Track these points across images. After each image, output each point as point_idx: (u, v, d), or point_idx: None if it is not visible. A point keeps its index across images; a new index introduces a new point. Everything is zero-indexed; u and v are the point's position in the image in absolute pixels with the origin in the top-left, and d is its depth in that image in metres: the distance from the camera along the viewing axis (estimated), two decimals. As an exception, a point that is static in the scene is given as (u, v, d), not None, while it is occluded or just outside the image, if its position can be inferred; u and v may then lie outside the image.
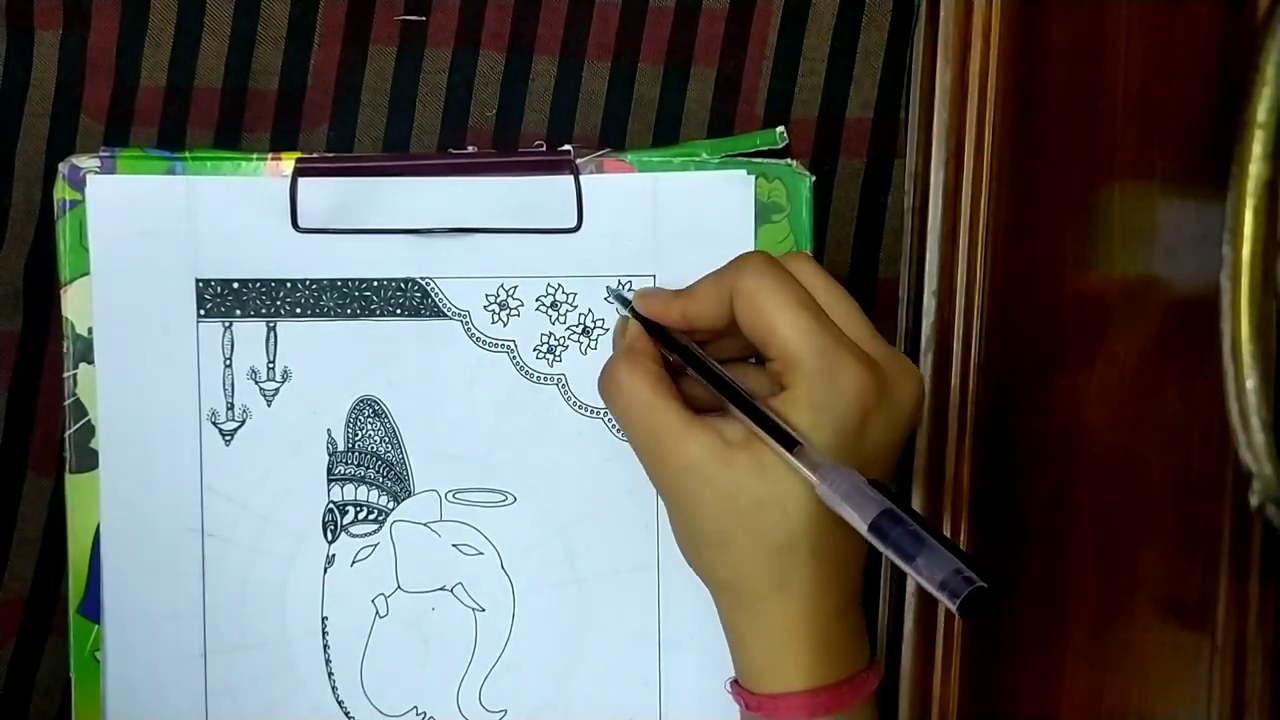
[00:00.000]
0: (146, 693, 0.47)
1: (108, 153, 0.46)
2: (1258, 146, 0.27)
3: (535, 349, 0.48)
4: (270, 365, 0.47)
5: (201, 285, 0.47)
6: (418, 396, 0.48)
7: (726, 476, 0.40)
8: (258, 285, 0.47)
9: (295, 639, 0.48)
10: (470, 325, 0.47)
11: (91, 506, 0.47)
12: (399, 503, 0.48)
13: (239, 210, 0.47)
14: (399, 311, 0.47)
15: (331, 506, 0.48)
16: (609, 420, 0.48)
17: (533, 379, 0.48)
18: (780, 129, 0.47)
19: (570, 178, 0.47)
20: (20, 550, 0.51)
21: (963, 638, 0.48)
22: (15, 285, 0.51)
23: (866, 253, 0.52)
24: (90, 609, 0.47)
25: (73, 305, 0.47)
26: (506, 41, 0.51)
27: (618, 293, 0.47)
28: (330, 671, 0.48)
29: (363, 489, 0.48)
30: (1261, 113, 0.27)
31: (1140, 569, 0.35)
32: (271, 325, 0.47)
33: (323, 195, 0.47)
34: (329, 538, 0.48)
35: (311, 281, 0.47)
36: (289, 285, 0.47)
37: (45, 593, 0.51)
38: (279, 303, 0.47)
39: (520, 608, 0.48)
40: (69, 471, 0.47)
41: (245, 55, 0.51)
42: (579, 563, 0.48)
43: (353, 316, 0.47)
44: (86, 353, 0.47)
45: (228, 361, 0.47)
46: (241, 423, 0.47)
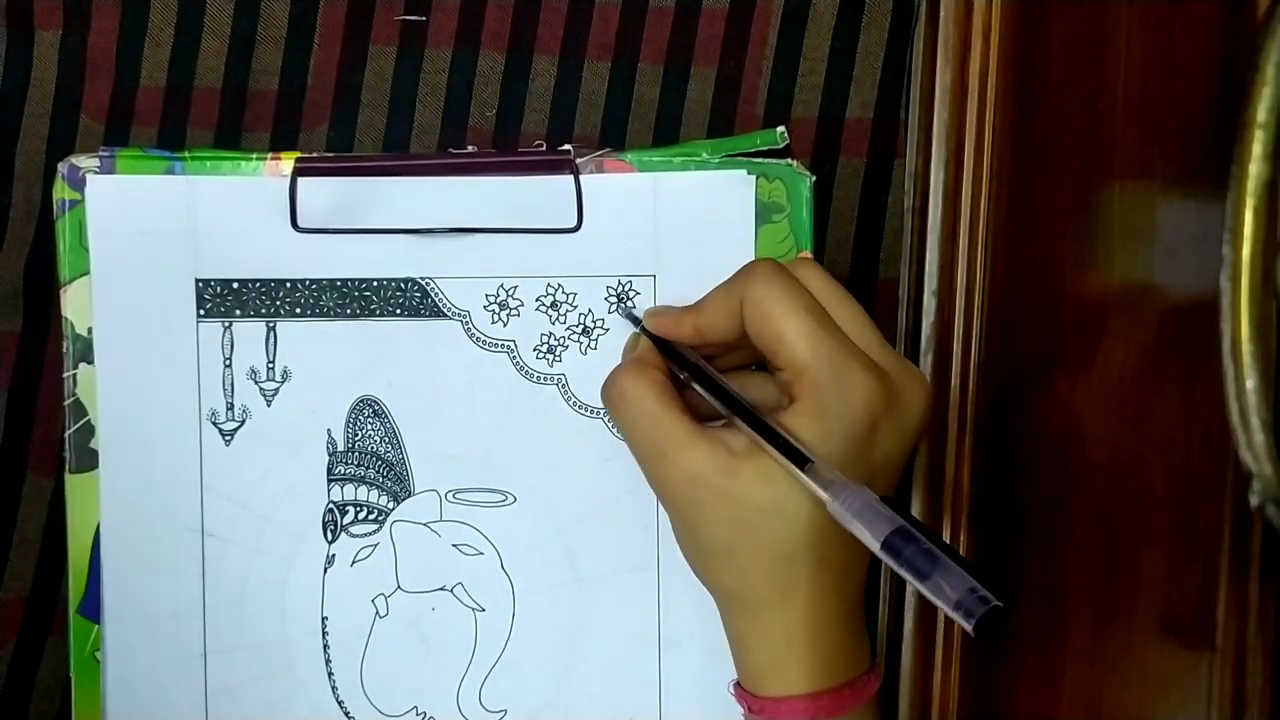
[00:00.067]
0: (146, 693, 0.47)
1: (107, 153, 0.46)
2: (1258, 146, 0.27)
3: (535, 349, 0.48)
4: (270, 365, 0.47)
5: (201, 285, 0.47)
6: (418, 396, 0.48)
7: (731, 486, 0.40)
8: (257, 285, 0.47)
9: (295, 639, 0.48)
10: (470, 325, 0.47)
11: (91, 506, 0.47)
12: (399, 503, 0.48)
13: (239, 210, 0.47)
14: (399, 311, 0.47)
15: (331, 506, 0.48)
16: (609, 420, 0.48)
17: (533, 379, 0.48)
18: (780, 129, 0.47)
19: (570, 178, 0.47)
20: (20, 550, 0.51)
21: (963, 638, 0.48)
22: (15, 285, 0.51)
23: (866, 253, 0.52)
24: (90, 609, 0.47)
25: (73, 305, 0.47)
26: (506, 41, 0.51)
27: (628, 311, 0.47)
28: (330, 671, 0.48)
29: (363, 489, 0.48)
30: (1261, 113, 0.27)
31: (1140, 569, 0.35)
32: (271, 325, 0.47)
33: (322, 195, 0.47)
34: (329, 538, 0.48)
35: (311, 281, 0.47)
36: (289, 285, 0.47)
37: (45, 593, 0.51)
38: (279, 303, 0.47)
39: (520, 608, 0.48)
40: (69, 471, 0.47)
41: (245, 55, 0.51)
42: (579, 563, 0.48)
43: (353, 316, 0.47)
44: (86, 353, 0.47)
45: (227, 361, 0.47)
46: (241, 423, 0.47)
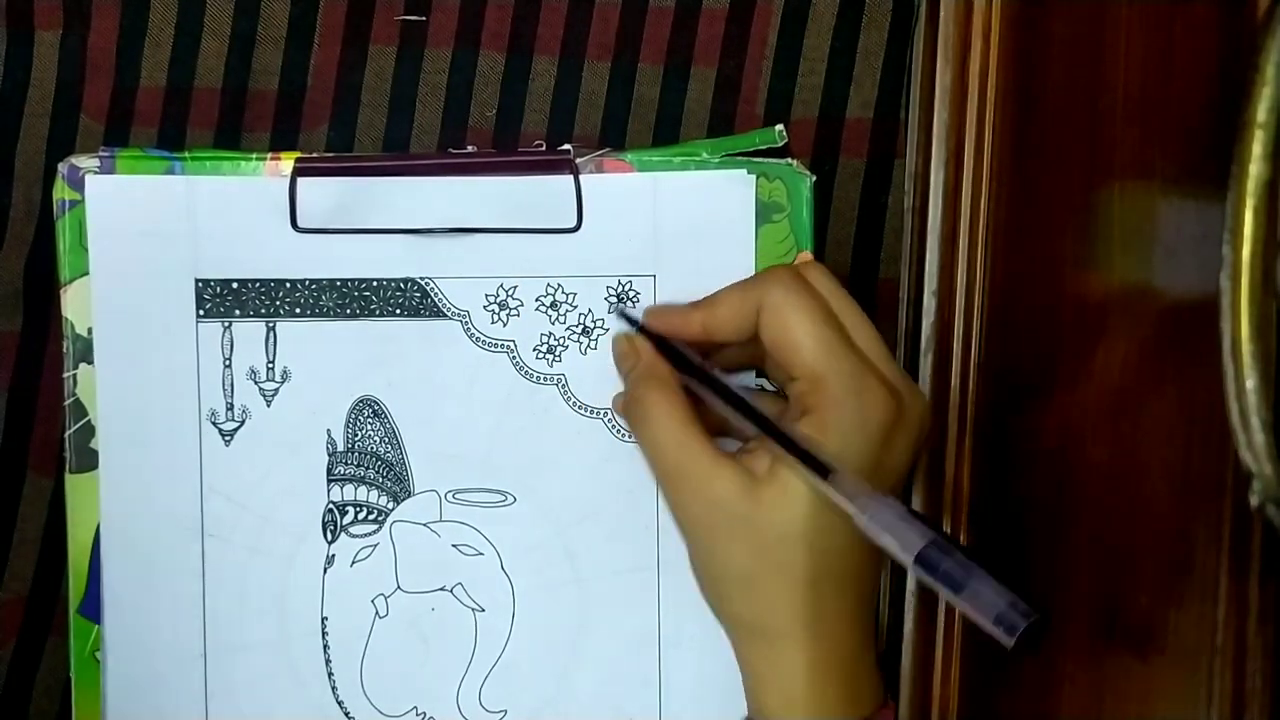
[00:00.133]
0: (146, 693, 0.47)
1: (107, 153, 0.46)
2: (1258, 146, 0.27)
3: (535, 349, 0.48)
4: (270, 365, 0.47)
5: (201, 285, 0.47)
6: (417, 396, 0.48)
7: (753, 511, 0.39)
8: (257, 285, 0.47)
9: (295, 639, 0.48)
10: (470, 325, 0.47)
11: (91, 506, 0.47)
12: (399, 503, 0.48)
13: (238, 210, 0.47)
14: (399, 311, 0.47)
15: (331, 507, 0.48)
16: (609, 420, 0.48)
17: (532, 379, 0.48)
18: (780, 128, 0.47)
19: (570, 177, 0.47)
20: (20, 550, 0.51)
21: (962, 638, 0.48)
22: (15, 285, 0.51)
23: (866, 253, 0.52)
24: (90, 609, 0.47)
25: (73, 305, 0.47)
26: (506, 41, 0.51)
27: (622, 310, 0.46)
28: (330, 671, 0.48)
29: (362, 489, 0.48)
30: (1261, 113, 0.27)
31: (1140, 568, 0.35)
32: (271, 325, 0.47)
33: (322, 195, 0.47)
34: (329, 538, 0.48)
35: (311, 281, 0.47)
36: (289, 285, 0.47)
37: (45, 593, 0.51)
38: (279, 303, 0.47)
39: (520, 608, 0.48)
40: (69, 471, 0.47)
41: (245, 55, 0.51)
42: (579, 563, 0.48)
43: (352, 316, 0.47)
44: (86, 353, 0.47)
45: (227, 361, 0.47)
46: (241, 423, 0.47)
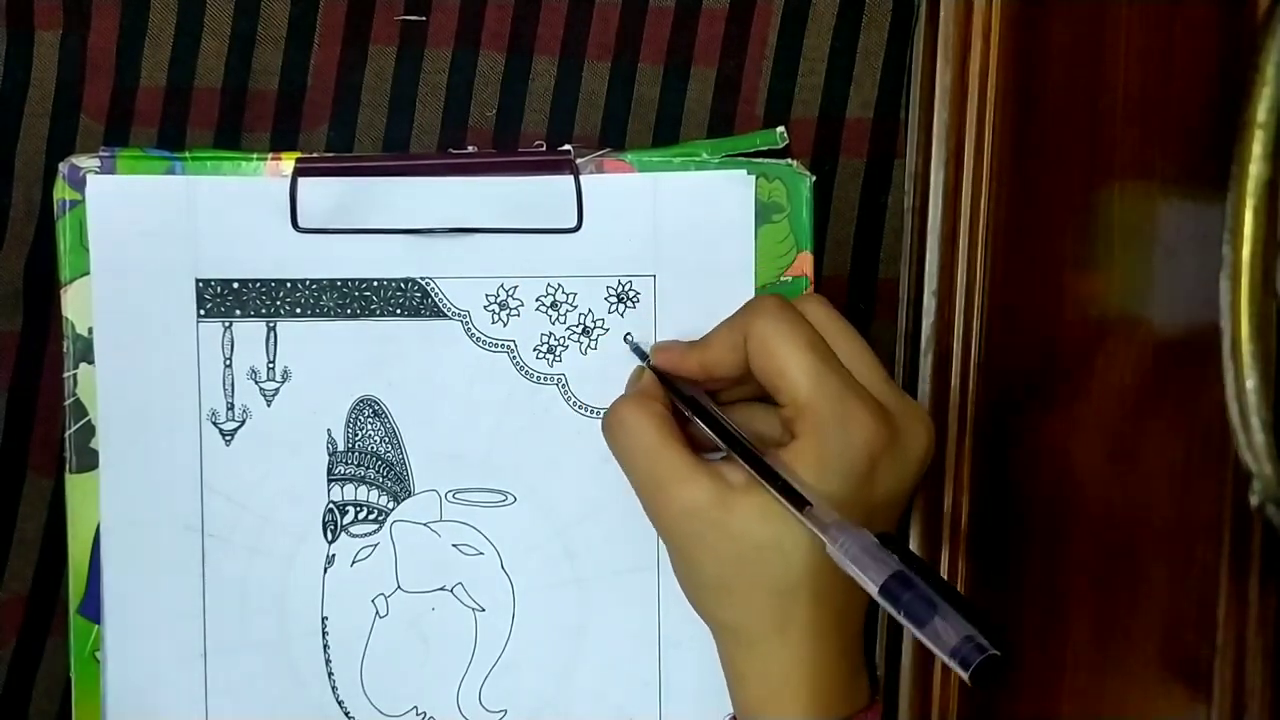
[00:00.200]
0: (146, 693, 0.47)
1: (108, 153, 0.46)
2: (1258, 146, 0.27)
3: (535, 349, 0.48)
4: (270, 365, 0.47)
5: (201, 285, 0.47)
6: (418, 396, 0.48)
7: (728, 521, 0.40)
8: (258, 285, 0.47)
9: (295, 639, 0.48)
10: (470, 325, 0.47)
11: (91, 506, 0.47)
12: (399, 503, 0.48)
13: (239, 210, 0.47)
14: (399, 311, 0.47)
15: (331, 506, 0.48)
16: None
17: (533, 379, 0.48)
18: (780, 129, 0.47)
19: (570, 178, 0.47)
20: (20, 550, 0.51)
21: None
22: (15, 285, 0.51)
23: (866, 253, 0.52)
24: (90, 609, 0.47)
25: (73, 305, 0.47)
26: (506, 41, 0.51)
27: (635, 345, 0.47)
28: (330, 671, 0.48)
29: (363, 489, 0.48)
30: (1261, 113, 0.27)
31: (1140, 568, 0.35)
32: (271, 325, 0.47)
33: (323, 195, 0.47)
34: (329, 538, 0.48)
35: (311, 281, 0.47)
36: (289, 285, 0.47)
37: (45, 593, 0.51)
38: (279, 303, 0.47)
39: (520, 608, 0.48)
40: (69, 471, 0.47)
41: (245, 55, 0.51)
42: (579, 563, 0.48)
43: (353, 316, 0.47)
44: (86, 353, 0.47)
45: (228, 361, 0.47)
46: (241, 423, 0.47)
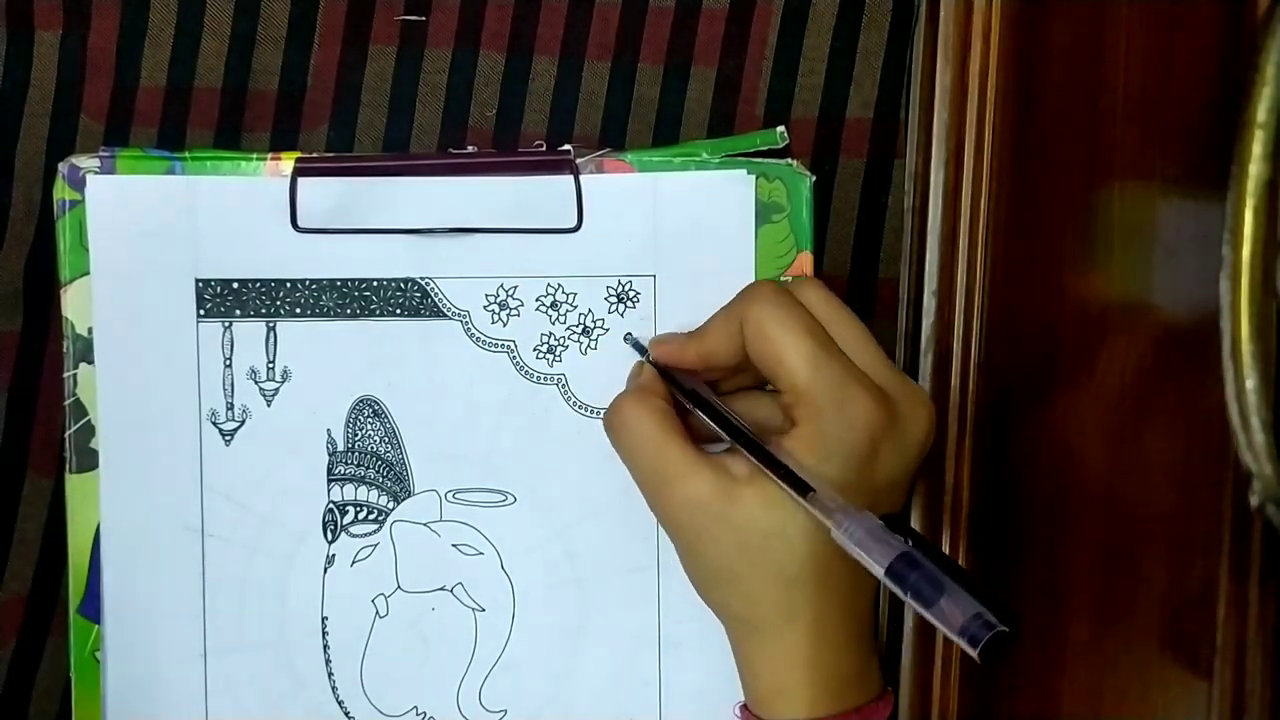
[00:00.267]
0: (146, 693, 0.47)
1: (108, 153, 0.46)
2: (1258, 146, 0.27)
3: (535, 349, 0.48)
4: (270, 365, 0.47)
5: (201, 285, 0.47)
6: (418, 396, 0.48)
7: (732, 512, 0.40)
8: (258, 285, 0.47)
9: (295, 639, 0.48)
10: (470, 325, 0.47)
11: (91, 506, 0.47)
12: (399, 503, 0.48)
13: (239, 210, 0.47)
14: (399, 311, 0.47)
15: (331, 506, 0.48)
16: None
17: (533, 379, 0.48)
18: (780, 129, 0.47)
19: (570, 178, 0.47)
20: (20, 550, 0.51)
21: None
22: (15, 285, 0.51)
23: (866, 253, 0.52)
24: (90, 609, 0.47)
25: (73, 305, 0.47)
26: (506, 41, 0.51)
27: (635, 340, 0.47)
28: (330, 671, 0.48)
29: (363, 489, 0.48)
30: (1261, 113, 0.27)
31: (1140, 568, 0.35)
32: (271, 325, 0.47)
33: (323, 195, 0.47)
34: (329, 538, 0.48)
35: (311, 281, 0.47)
36: (289, 285, 0.47)
37: (45, 593, 0.51)
38: (279, 303, 0.47)
39: (520, 608, 0.48)
40: (69, 471, 0.47)
41: (245, 55, 0.51)
42: (579, 563, 0.48)
43: (353, 316, 0.47)
44: (86, 353, 0.47)
45: (228, 361, 0.47)
46: (241, 423, 0.47)
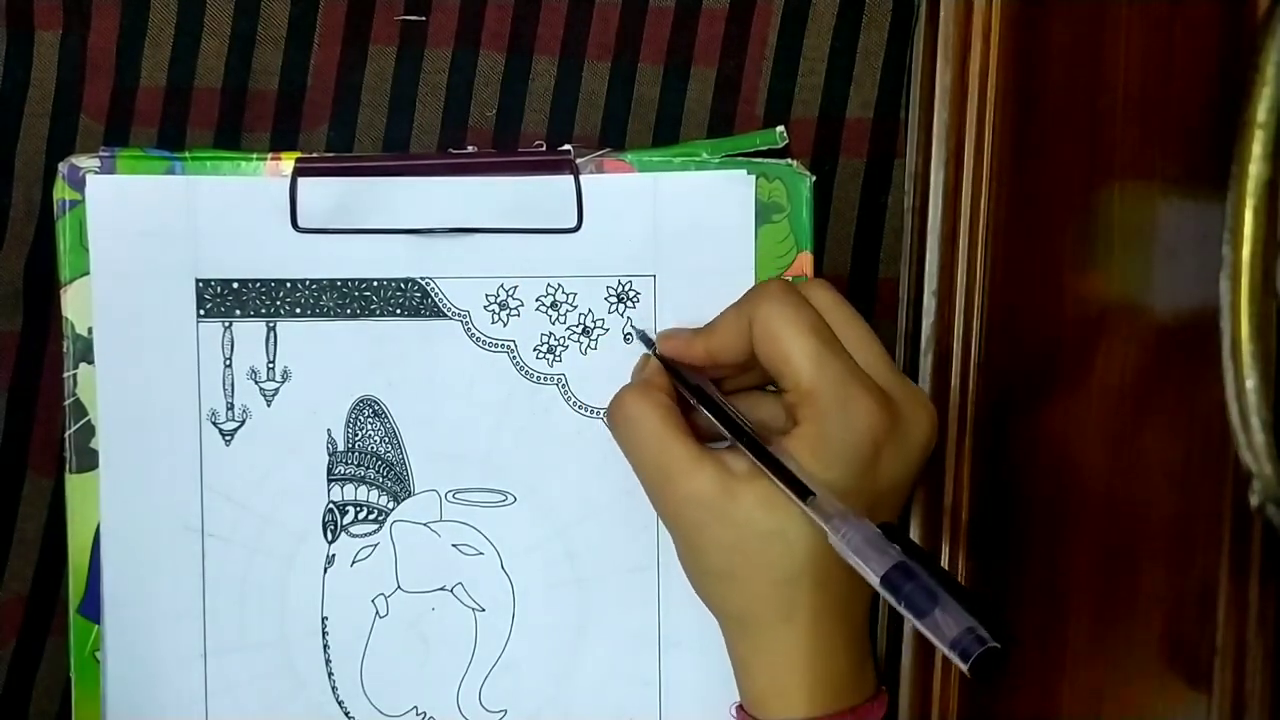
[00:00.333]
0: (146, 693, 0.47)
1: (108, 153, 0.46)
2: (1258, 146, 0.27)
3: (535, 349, 0.48)
4: (270, 365, 0.47)
5: (201, 285, 0.47)
6: (418, 396, 0.48)
7: (732, 510, 0.40)
8: (258, 285, 0.47)
9: (295, 639, 0.48)
10: (470, 325, 0.47)
11: (91, 506, 0.47)
12: (399, 503, 0.48)
13: (239, 210, 0.47)
14: (399, 311, 0.47)
15: (331, 506, 0.48)
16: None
17: (533, 379, 0.48)
18: (780, 129, 0.47)
19: (570, 178, 0.47)
20: (20, 550, 0.51)
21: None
22: (15, 285, 0.51)
23: (866, 253, 0.52)
24: (90, 609, 0.47)
25: (73, 305, 0.47)
26: (506, 41, 0.51)
27: (642, 333, 0.47)
28: (330, 671, 0.48)
29: (363, 489, 0.48)
30: (1261, 113, 0.27)
31: (1140, 569, 0.35)
32: (271, 325, 0.47)
33: (323, 195, 0.47)
34: (329, 538, 0.48)
35: (311, 281, 0.47)
36: (289, 285, 0.47)
37: (45, 593, 0.51)
38: (279, 303, 0.47)
39: (520, 608, 0.48)
40: (69, 471, 0.47)
41: (245, 55, 0.51)
42: (579, 563, 0.48)
43: (353, 316, 0.47)
44: (86, 353, 0.47)
45: (228, 361, 0.47)
46: (241, 423, 0.47)
